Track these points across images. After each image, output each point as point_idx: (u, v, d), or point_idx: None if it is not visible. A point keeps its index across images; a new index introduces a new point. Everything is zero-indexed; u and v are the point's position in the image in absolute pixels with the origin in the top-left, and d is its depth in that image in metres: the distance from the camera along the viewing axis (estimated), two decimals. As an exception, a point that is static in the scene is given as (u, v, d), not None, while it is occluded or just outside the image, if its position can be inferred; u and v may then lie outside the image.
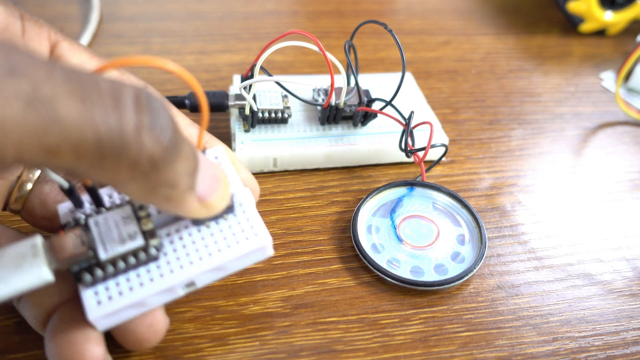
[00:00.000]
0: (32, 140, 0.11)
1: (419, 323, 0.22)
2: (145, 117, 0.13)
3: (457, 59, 0.39)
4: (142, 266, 0.17)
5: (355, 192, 0.27)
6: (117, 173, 0.13)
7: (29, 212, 0.20)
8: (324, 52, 0.24)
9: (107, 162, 0.12)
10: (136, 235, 0.17)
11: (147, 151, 0.13)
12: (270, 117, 0.28)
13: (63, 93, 0.12)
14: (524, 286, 0.24)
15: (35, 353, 0.19)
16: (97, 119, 0.12)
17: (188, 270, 0.17)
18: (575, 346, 0.21)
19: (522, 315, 0.22)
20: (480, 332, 0.22)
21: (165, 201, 0.15)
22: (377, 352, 0.21)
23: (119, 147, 0.12)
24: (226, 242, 0.18)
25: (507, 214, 0.27)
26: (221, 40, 0.38)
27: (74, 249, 0.16)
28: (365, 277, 0.23)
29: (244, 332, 0.21)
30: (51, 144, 0.11)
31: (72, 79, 0.12)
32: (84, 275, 0.16)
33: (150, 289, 0.17)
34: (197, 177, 0.15)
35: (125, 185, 0.14)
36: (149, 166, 0.13)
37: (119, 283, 0.17)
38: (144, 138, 0.13)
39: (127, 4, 0.41)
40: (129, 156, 0.13)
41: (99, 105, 0.12)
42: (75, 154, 0.12)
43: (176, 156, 0.14)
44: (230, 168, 0.19)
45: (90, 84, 0.12)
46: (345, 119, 0.29)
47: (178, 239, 0.18)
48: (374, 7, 0.45)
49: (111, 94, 0.12)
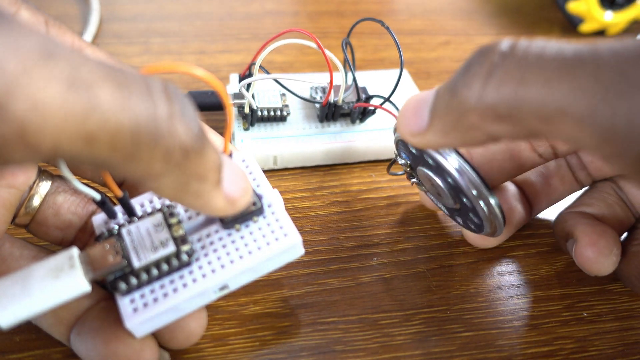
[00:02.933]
0: (71, 127, 0.11)
1: (419, 323, 0.22)
2: (176, 105, 0.13)
3: (458, 60, 0.39)
4: (176, 272, 0.17)
5: (355, 192, 0.27)
6: (150, 165, 0.13)
7: (41, 224, 0.20)
8: (322, 49, 0.24)
9: (142, 152, 0.12)
10: (168, 242, 0.17)
11: (179, 139, 0.13)
12: (269, 115, 0.28)
13: (101, 78, 0.11)
14: (523, 286, 0.24)
15: (36, 353, 0.19)
16: (133, 106, 0.12)
17: (221, 274, 0.17)
18: (576, 346, 0.21)
19: (522, 315, 0.22)
20: (480, 332, 0.22)
21: (195, 197, 0.15)
22: (377, 352, 0.20)
23: (153, 135, 0.12)
24: (257, 244, 0.18)
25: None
26: (221, 40, 0.38)
27: (109, 259, 0.16)
28: (365, 277, 0.23)
29: (244, 332, 0.21)
30: (89, 132, 0.11)
31: (105, 66, 0.12)
32: (119, 284, 0.17)
33: (184, 295, 0.17)
34: (223, 173, 0.15)
35: (157, 180, 0.13)
36: (181, 155, 0.13)
37: (154, 290, 0.17)
38: (176, 126, 0.13)
39: (127, 4, 0.41)
40: (162, 145, 0.12)
41: (135, 93, 0.12)
42: (111, 144, 0.12)
43: (205, 146, 0.14)
44: (259, 170, 0.20)
45: (122, 71, 0.12)
46: (344, 116, 0.29)
47: (209, 243, 0.18)
48: (374, 7, 0.45)
49: (143, 82, 0.12)
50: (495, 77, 0.14)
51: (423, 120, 0.17)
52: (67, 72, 0.11)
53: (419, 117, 0.17)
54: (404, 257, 0.24)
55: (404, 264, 0.24)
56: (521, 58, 0.14)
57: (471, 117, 0.15)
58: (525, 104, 0.14)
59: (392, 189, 0.28)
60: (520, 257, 0.25)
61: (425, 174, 0.21)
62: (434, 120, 0.16)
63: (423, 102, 0.17)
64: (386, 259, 0.24)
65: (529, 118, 0.14)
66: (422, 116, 0.17)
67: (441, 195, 0.21)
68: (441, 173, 0.20)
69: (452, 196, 0.20)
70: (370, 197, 0.27)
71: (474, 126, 0.15)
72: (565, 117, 0.13)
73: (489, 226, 0.20)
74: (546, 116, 0.14)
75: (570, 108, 0.13)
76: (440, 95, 0.16)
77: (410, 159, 0.22)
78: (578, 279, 0.24)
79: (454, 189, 0.20)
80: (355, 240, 0.25)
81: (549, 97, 0.13)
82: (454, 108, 0.15)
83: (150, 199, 0.19)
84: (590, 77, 0.13)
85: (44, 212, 0.20)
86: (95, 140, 0.11)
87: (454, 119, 0.16)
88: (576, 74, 0.13)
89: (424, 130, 0.17)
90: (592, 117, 0.13)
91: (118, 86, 0.12)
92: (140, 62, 0.35)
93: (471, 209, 0.20)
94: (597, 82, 0.13)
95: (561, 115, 0.13)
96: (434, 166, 0.20)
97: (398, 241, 0.25)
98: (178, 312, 0.17)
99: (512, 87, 0.14)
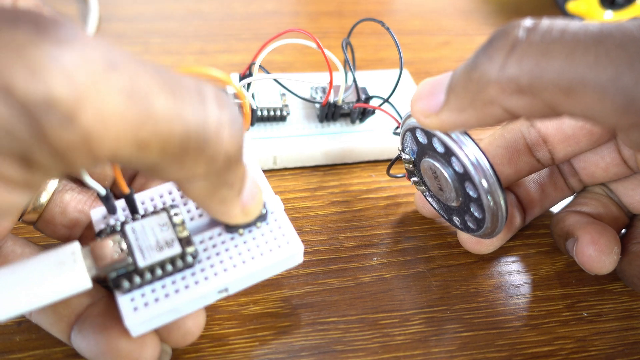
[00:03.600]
0: (128, 135, 0.11)
1: (419, 323, 0.22)
2: (226, 114, 0.13)
3: (457, 60, 0.39)
4: (178, 273, 0.17)
5: (355, 192, 0.27)
6: (193, 170, 0.13)
7: (48, 221, 0.20)
8: (321, 49, 0.25)
9: (189, 158, 0.13)
10: (173, 242, 0.17)
11: (224, 148, 0.13)
12: (269, 115, 0.28)
13: (156, 87, 0.12)
14: (523, 286, 0.24)
15: (35, 353, 0.19)
16: (185, 114, 0.12)
17: (222, 278, 0.17)
18: (576, 346, 0.21)
19: (522, 315, 0.22)
20: (480, 332, 0.22)
21: (219, 203, 0.15)
22: (377, 352, 0.20)
23: (202, 141, 0.12)
24: (259, 250, 0.18)
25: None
26: (221, 40, 0.38)
27: (114, 255, 0.16)
28: (365, 277, 0.23)
29: (244, 332, 0.21)
30: (144, 138, 0.12)
31: (161, 74, 0.12)
32: (122, 282, 0.16)
33: (186, 296, 0.17)
34: (245, 183, 0.16)
35: (193, 183, 0.14)
36: (223, 164, 0.13)
37: (155, 290, 0.17)
38: (224, 134, 0.13)
39: (127, 4, 0.40)
40: (208, 152, 0.13)
41: (187, 101, 0.12)
42: (161, 149, 0.12)
43: (241, 159, 0.14)
44: (261, 176, 0.20)
45: (176, 79, 0.12)
46: (344, 116, 0.29)
47: (212, 246, 0.18)
48: (374, 8, 0.45)
49: (196, 90, 0.13)
50: (518, 50, 0.15)
51: (438, 100, 0.17)
52: (127, 82, 0.11)
53: (434, 97, 0.17)
54: (404, 257, 0.24)
55: (404, 264, 0.24)
56: (545, 32, 0.14)
57: (491, 90, 0.15)
58: (548, 75, 0.14)
59: (392, 189, 0.28)
60: (520, 257, 0.25)
61: (430, 166, 0.20)
62: (450, 97, 0.17)
63: (438, 83, 0.17)
64: (386, 259, 0.24)
65: (550, 90, 0.14)
66: (438, 96, 0.17)
67: (443, 190, 0.21)
68: (448, 160, 0.19)
69: (455, 188, 0.20)
70: (370, 197, 0.27)
71: (493, 100, 0.15)
72: (586, 88, 0.13)
73: (491, 219, 0.19)
74: (567, 87, 0.14)
75: (593, 78, 0.13)
76: (459, 72, 0.16)
77: (416, 152, 0.21)
78: (578, 278, 0.24)
79: (459, 177, 0.19)
80: (355, 240, 0.25)
81: (572, 68, 0.14)
82: (474, 82, 0.15)
83: (152, 197, 0.19)
84: (617, 47, 0.13)
85: (51, 209, 0.20)
86: (148, 146, 0.12)
87: (472, 94, 0.16)
88: (602, 44, 0.13)
89: (439, 110, 0.17)
90: (615, 86, 0.13)
91: (171, 94, 0.12)
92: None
93: (475, 199, 0.19)
94: (623, 52, 0.13)
95: (583, 86, 0.14)
96: (441, 153, 0.19)
97: (398, 241, 0.25)
98: (178, 313, 0.17)
99: (535, 60, 0.14)
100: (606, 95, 0.13)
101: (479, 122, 0.16)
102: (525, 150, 0.23)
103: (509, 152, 0.23)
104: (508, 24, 0.15)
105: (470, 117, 0.16)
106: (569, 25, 0.14)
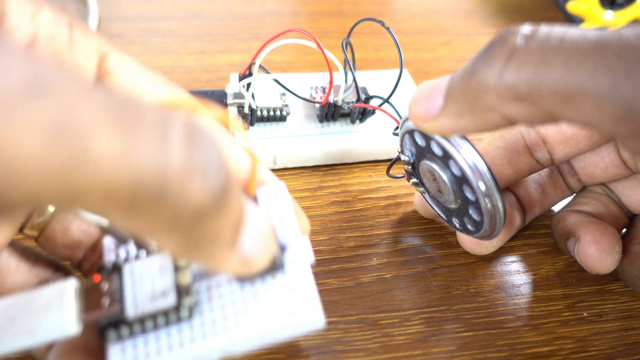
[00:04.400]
0: (51, 181, 0.09)
1: (419, 323, 0.22)
2: (196, 154, 0.10)
3: (457, 59, 0.39)
4: (174, 325, 0.15)
5: (355, 192, 0.27)
6: (152, 225, 0.11)
7: (49, 239, 0.19)
8: (321, 49, 0.25)
9: (142, 211, 0.10)
10: (169, 292, 0.15)
11: (193, 200, 0.10)
12: (269, 115, 0.28)
13: (101, 121, 0.09)
14: (524, 286, 0.23)
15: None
16: (138, 157, 0.10)
17: (222, 338, 0.15)
18: (576, 346, 0.21)
19: (522, 315, 0.22)
20: (481, 332, 0.21)
21: (203, 258, 0.13)
22: (377, 352, 0.20)
23: (159, 193, 0.10)
24: (270, 308, 0.15)
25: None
26: (221, 40, 0.38)
27: (104, 303, 0.15)
28: (365, 277, 0.23)
29: (243, 332, 0.21)
30: (76, 187, 0.09)
31: (112, 105, 0.10)
32: (109, 333, 0.15)
33: (179, 354, 0.15)
34: (242, 231, 0.13)
35: (160, 239, 0.11)
36: (191, 219, 0.11)
37: (148, 342, 0.15)
38: (192, 183, 0.10)
39: (126, 4, 0.40)
40: (169, 206, 0.10)
41: (143, 138, 0.10)
42: (103, 200, 0.10)
43: (224, 207, 0.11)
44: (290, 212, 0.17)
45: (135, 111, 0.10)
46: (344, 116, 0.29)
47: (217, 296, 0.16)
48: (374, 7, 0.45)
49: (158, 124, 0.10)
50: (517, 58, 0.14)
51: (436, 105, 0.17)
52: (57, 114, 0.09)
53: (432, 101, 0.17)
54: (404, 257, 0.24)
55: (404, 264, 0.24)
56: (543, 40, 0.14)
57: (489, 97, 0.15)
58: (546, 83, 0.14)
59: (392, 189, 0.28)
60: (521, 257, 0.25)
61: (428, 168, 0.21)
62: (448, 102, 0.16)
63: (436, 87, 0.17)
64: (386, 259, 0.24)
65: (548, 98, 0.14)
66: (436, 100, 0.17)
67: (442, 192, 0.21)
68: (446, 163, 0.19)
69: (453, 191, 0.20)
70: (370, 197, 0.27)
71: (491, 107, 0.15)
72: (585, 97, 0.13)
73: (489, 222, 0.19)
74: (566, 96, 0.14)
75: (591, 86, 0.13)
76: (457, 77, 0.16)
77: (414, 153, 0.21)
78: (578, 278, 0.24)
79: (457, 180, 0.20)
80: (355, 240, 0.25)
81: (570, 76, 0.14)
82: (472, 88, 0.15)
83: None
84: (616, 56, 0.13)
85: (53, 227, 0.18)
86: (82, 195, 0.09)
87: (470, 100, 0.16)
88: (601, 53, 0.13)
89: (437, 114, 0.17)
90: (613, 95, 0.13)
91: (122, 129, 0.09)
92: (140, 62, 0.35)
93: (473, 202, 0.19)
94: (621, 60, 0.13)
95: (581, 94, 0.13)
96: (439, 156, 0.20)
97: (398, 241, 0.25)
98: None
99: (533, 67, 0.14)
100: (604, 103, 0.13)
101: (477, 128, 0.16)
102: (524, 151, 0.23)
103: (509, 152, 0.23)
104: (506, 31, 0.15)
105: (468, 122, 0.16)
106: (567, 33, 0.14)
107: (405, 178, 0.23)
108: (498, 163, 0.23)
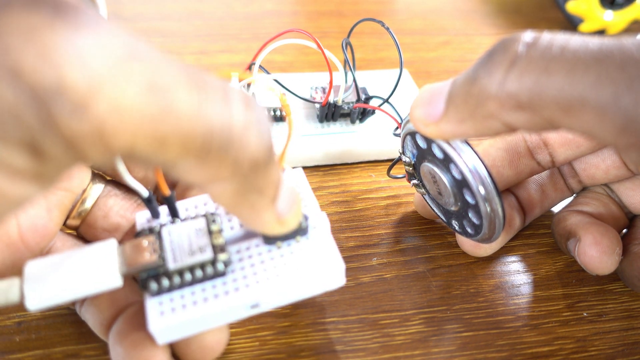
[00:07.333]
0: (146, 129, 0.11)
1: (419, 323, 0.22)
2: (252, 115, 0.13)
3: (457, 59, 0.39)
4: (209, 280, 0.17)
5: (355, 193, 0.27)
6: (216, 172, 0.13)
7: (90, 226, 0.20)
8: (321, 49, 0.25)
9: (211, 158, 0.12)
10: (206, 248, 0.17)
11: (250, 150, 0.13)
12: (269, 115, 0.28)
13: (180, 81, 0.11)
14: (524, 286, 0.24)
15: (35, 353, 0.19)
16: (209, 112, 0.12)
17: (254, 290, 0.16)
18: (576, 346, 0.21)
19: (522, 315, 0.22)
20: (481, 332, 0.22)
21: (249, 209, 0.15)
22: (377, 352, 0.20)
23: (226, 142, 0.12)
24: (296, 266, 0.17)
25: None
26: (221, 40, 0.38)
27: (145, 256, 0.16)
28: (365, 277, 0.23)
29: (244, 332, 0.21)
30: (163, 134, 0.11)
31: (186, 69, 0.12)
32: (150, 284, 0.16)
33: (214, 306, 0.16)
34: (279, 193, 0.15)
35: (218, 186, 0.13)
36: (250, 168, 0.13)
37: (184, 296, 0.16)
38: (250, 137, 0.13)
39: (127, 4, 0.41)
40: (233, 154, 0.12)
41: (212, 99, 0.12)
42: (182, 147, 0.12)
43: (272, 162, 0.14)
44: (309, 190, 0.19)
45: (202, 76, 0.12)
46: (344, 116, 0.29)
47: (247, 257, 0.17)
48: (374, 7, 0.45)
49: (222, 89, 0.12)
50: (518, 66, 0.14)
51: (438, 109, 0.17)
52: (147, 74, 0.11)
53: (433, 105, 0.17)
54: (404, 257, 0.24)
55: (404, 264, 0.24)
56: (545, 48, 0.14)
57: (490, 105, 0.15)
58: (547, 93, 0.14)
59: (392, 189, 0.28)
60: (521, 257, 0.25)
61: (429, 170, 0.21)
62: (449, 108, 0.17)
63: (438, 91, 0.17)
64: (386, 259, 0.24)
65: (550, 107, 0.14)
66: (437, 105, 0.17)
67: (442, 195, 0.21)
68: (447, 166, 0.19)
69: (454, 193, 0.20)
70: (370, 197, 0.27)
71: (492, 115, 0.15)
72: (586, 107, 0.13)
73: (488, 226, 0.19)
74: (567, 106, 0.14)
75: (593, 97, 0.13)
76: (458, 83, 0.16)
77: (416, 155, 0.21)
78: (578, 278, 0.24)
79: (458, 183, 0.20)
80: (355, 240, 0.25)
81: (572, 86, 0.14)
82: (473, 95, 0.15)
83: (196, 204, 0.19)
84: (617, 67, 0.13)
85: (94, 214, 0.20)
86: (168, 142, 0.11)
87: (471, 107, 0.16)
88: (603, 64, 0.13)
89: (438, 119, 0.17)
90: (614, 106, 0.13)
91: (196, 90, 0.12)
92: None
93: (473, 205, 0.19)
94: (623, 72, 0.13)
95: (582, 104, 0.13)
96: (441, 159, 0.20)
97: (398, 241, 0.25)
98: (204, 324, 0.16)
99: (535, 76, 0.14)
100: (606, 115, 0.13)
101: (478, 134, 0.16)
102: (526, 153, 0.23)
103: (510, 154, 0.23)
104: (508, 38, 0.15)
105: (469, 128, 0.16)
106: (569, 41, 0.14)
107: (406, 179, 0.23)
108: (499, 165, 0.23)
